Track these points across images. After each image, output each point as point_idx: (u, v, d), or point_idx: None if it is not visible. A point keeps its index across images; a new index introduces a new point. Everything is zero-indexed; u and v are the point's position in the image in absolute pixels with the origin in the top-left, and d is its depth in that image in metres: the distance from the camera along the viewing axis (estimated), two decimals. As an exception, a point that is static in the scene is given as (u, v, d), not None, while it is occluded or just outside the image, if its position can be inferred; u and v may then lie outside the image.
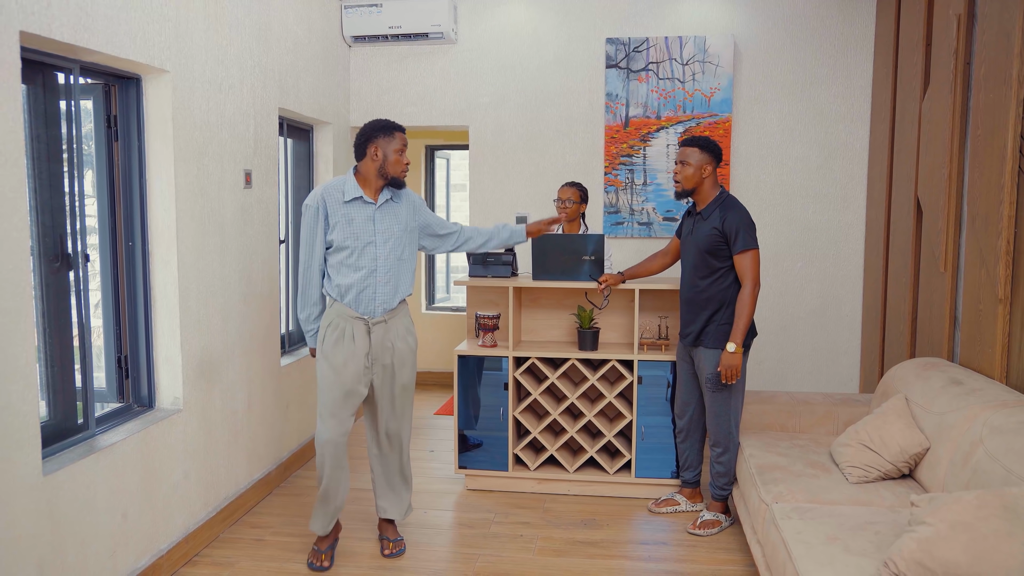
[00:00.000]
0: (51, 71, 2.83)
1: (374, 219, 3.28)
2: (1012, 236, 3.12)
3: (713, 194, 3.66)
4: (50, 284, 2.84)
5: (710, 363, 3.65)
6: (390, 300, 3.33)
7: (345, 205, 3.26)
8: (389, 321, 3.35)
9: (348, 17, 5.28)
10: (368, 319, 3.30)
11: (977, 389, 2.97)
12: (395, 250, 3.32)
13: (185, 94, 3.40)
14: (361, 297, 3.28)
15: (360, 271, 3.27)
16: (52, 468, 2.68)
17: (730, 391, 3.67)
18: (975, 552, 2.10)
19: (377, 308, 3.31)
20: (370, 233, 3.28)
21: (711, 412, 3.72)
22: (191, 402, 3.49)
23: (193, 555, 3.49)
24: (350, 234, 3.25)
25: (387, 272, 3.31)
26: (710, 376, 3.65)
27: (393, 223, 3.33)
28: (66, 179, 2.90)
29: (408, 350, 3.44)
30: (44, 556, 2.61)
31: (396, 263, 3.32)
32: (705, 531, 3.74)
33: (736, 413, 3.71)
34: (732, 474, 3.79)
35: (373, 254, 3.28)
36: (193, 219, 3.49)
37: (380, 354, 3.35)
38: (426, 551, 3.58)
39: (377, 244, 3.28)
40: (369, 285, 3.28)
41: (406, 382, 3.46)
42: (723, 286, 3.62)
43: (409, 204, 3.42)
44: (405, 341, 3.42)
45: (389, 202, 3.34)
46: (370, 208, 3.28)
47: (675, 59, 5.14)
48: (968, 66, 3.56)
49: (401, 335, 3.40)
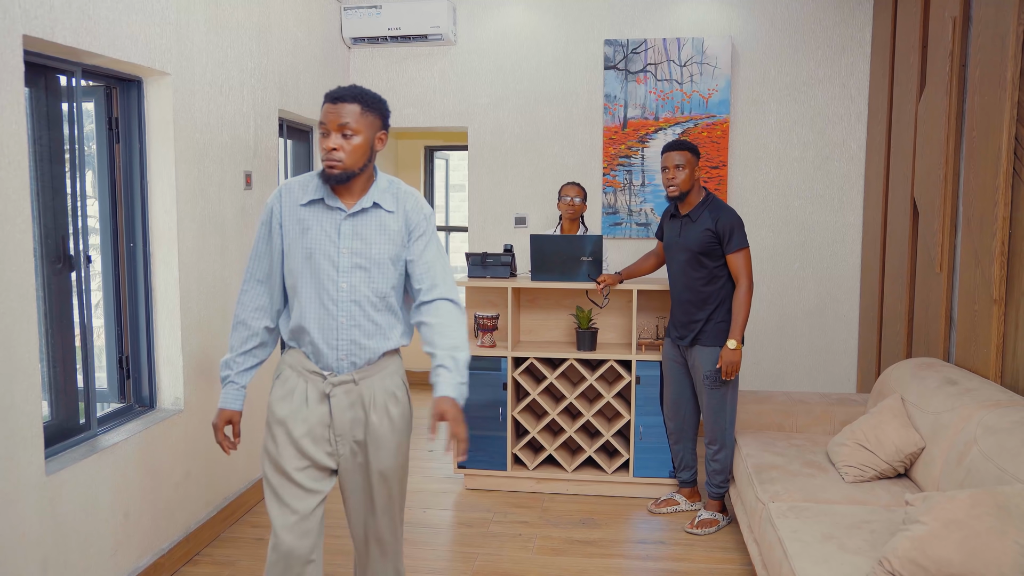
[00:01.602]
0: (53, 74, 2.85)
1: (339, 231, 2.30)
2: (1007, 237, 3.14)
3: (699, 196, 3.71)
4: (52, 285, 2.86)
5: (708, 361, 3.68)
6: (359, 351, 2.32)
7: (302, 208, 2.32)
8: (362, 382, 2.33)
9: (348, 19, 5.30)
10: (328, 376, 2.33)
11: (972, 389, 3.00)
12: (370, 279, 2.31)
13: (186, 96, 3.42)
14: (318, 343, 2.32)
15: (313, 304, 2.31)
16: (55, 468, 2.70)
17: (727, 388, 3.71)
18: (968, 550, 2.12)
19: (341, 362, 2.32)
20: (331, 251, 2.29)
21: (708, 409, 3.75)
22: (192, 402, 3.51)
23: (194, 554, 3.51)
24: (301, 249, 2.31)
25: (353, 309, 2.30)
26: (708, 373, 3.68)
27: (373, 241, 2.31)
28: (68, 181, 2.93)
29: (390, 426, 2.37)
30: (48, 555, 2.63)
31: (371, 297, 2.32)
32: (703, 530, 3.76)
33: (732, 410, 3.74)
34: (728, 472, 3.81)
35: (334, 281, 2.29)
36: (194, 220, 3.51)
37: (346, 428, 2.34)
38: (425, 550, 3.60)
39: (340, 268, 2.29)
40: (328, 326, 2.31)
41: (386, 468, 2.39)
42: (718, 285, 3.67)
43: (403, 217, 2.36)
44: (386, 412, 2.37)
45: (373, 210, 2.32)
46: (337, 216, 2.30)
47: (673, 61, 5.16)
48: (964, 68, 3.59)
49: (380, 404, 2.36)
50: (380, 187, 2.35)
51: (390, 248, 2.32)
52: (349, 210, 2.30)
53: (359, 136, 2.24)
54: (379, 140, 2.32)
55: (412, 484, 4.39)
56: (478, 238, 5.57)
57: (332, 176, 2.24)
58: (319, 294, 2.29)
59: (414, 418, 2.63)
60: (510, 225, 5.52)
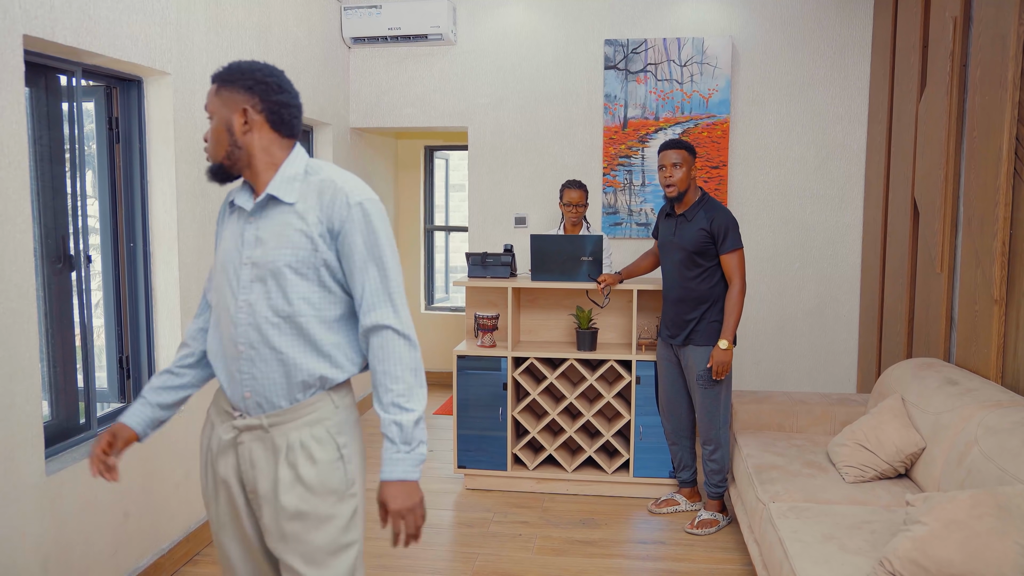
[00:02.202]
0: (53, 74, 2.85)
1: (243, 237, 1.84)
2: (1008, 237, 3.14)
3: (695, 196, 3.72)
4: (52, 285, 2.86)
5: (701, 360, 3.70)
6: (266, 389, 1.80)
7: (228, 212, 1.94)
8: (273, 429, 1.80)
9: (348, 19, 5.30)
10: (236, 415, 1.85)
11: (972, 389, 3.00)
12: (268, 295, 1.79)
13: (186, 96, 3.42)
14: (222, 376, 1.88)
15: (215, 326, 1.89)
16: (55, 468, 2.70)
17: (720, 387, 3.72)
18: (969, 551, 2.12)
19: (247, 400, 1.82)
20: (235, 261, 1.84)
21: (702, 409, 3.75)
22: (191, 402, 3.50)
23: (194, 554, 3.51)
24: (216, 262, 1.91)
25: (250, 336, 1.79)
26: (701, 372, 3.70)
27: (271, 244, 1.79)
28: (68, 180, 2.93)
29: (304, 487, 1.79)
30: (49, 554, 2.63)
31: (271, 318, 1.79)
32: (703, 530, 3.76)
33: (726, 409, 3.76)
34: (726, 471, 3.82)
35: (231, 301, 1.82)
36: (194, 220, 3.50)
37: (255, 479, 1.83)
38: (425, 550, 3.60)
39: (241, 282, 1.81)
40: (230, 356, 1.84)
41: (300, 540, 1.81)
42: (711, 284, 3.68)
43: (317, 210, 1.79)
44: (304, 467, 1.79)
45: (273, 205, 1.82)
46: (242, 219, 1.86)
47: (673, 60, 5.16)
48: (964, 68, 3.59)
49: (299, 456, 1.80)
50: (285, 175, 1.81)
51: (289, 253, 1.77)
52: (250, 209, 1.83)
53: (213, 118, 1.83)
54: (240, 118, 1.80)
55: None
56: (478, 238, 5.57)
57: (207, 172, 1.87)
58: (220, 315, 1.86)
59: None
60: (510, 225, 5.51)
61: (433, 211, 6.99)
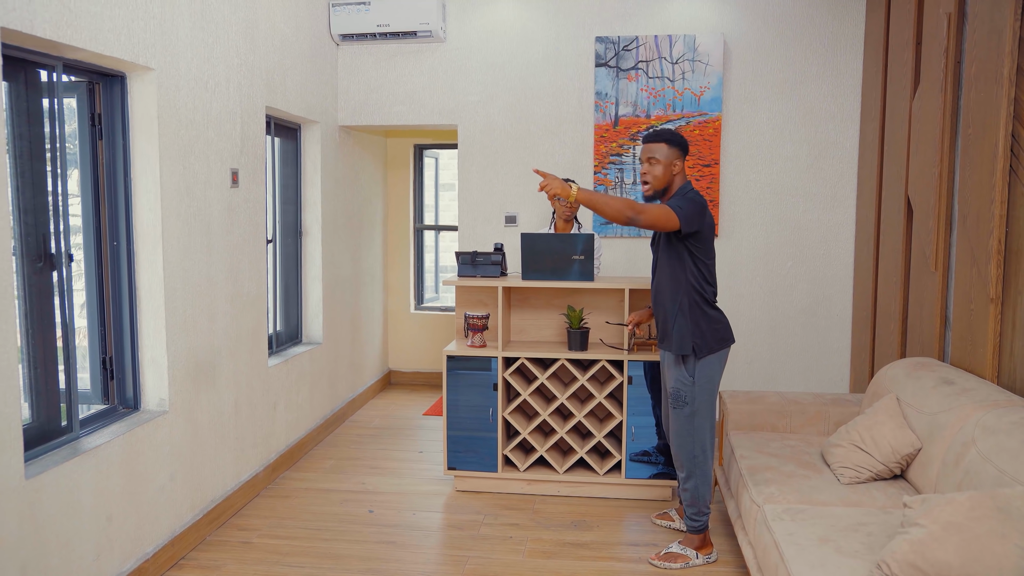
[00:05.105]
0: (33, 68, 2.78)
1: None
2: (1003, 235, 3.11)
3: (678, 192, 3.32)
4: (33, 284, 2.80)
5: (671, 376, 3.39)
6: None
7: None
8: None
9: (336, 15, 5.24)
10: None
11: (969, 389, 2.97)
12: None
13: (171, 92, 3.36)
14: None
15: None
16: (35, 471, 2.64)
17: (692, 412, 3.33)
18: (968, 553, 2.09)
19: None
20: None
21: (672, 430, 3.41)
22: (177, 403, 3.45)
23: (179, 558, 3.45)
24: None
25: None
26: (672, 390, 3.38)
27: None
28: (49, 178, 2.86)
29: None
30: (27, 559, 2.57)
31: None
32: (663, 563, 3.40)
33: (701, 434, 3.35)
34: (701, 504, 3.41)
35: None
36: (179, 218, 3.44)
37: None
38: (415, 553, 3.55)
39: None
40: None
41: None
42: (679, 283, 3.29)
43: None
44: None
45: None
46: None
47: (665, 58, 5.13)
48: (959, 65, 3.56)
49: None
50: None
51: None
52: None
53: None
54: None
55: (401, 486, 4.34)
56: (468, 237, 5.52)
57: None
58: None
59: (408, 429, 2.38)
60: (500, 224, 5.47)
61: (423, 210, 6.93)
